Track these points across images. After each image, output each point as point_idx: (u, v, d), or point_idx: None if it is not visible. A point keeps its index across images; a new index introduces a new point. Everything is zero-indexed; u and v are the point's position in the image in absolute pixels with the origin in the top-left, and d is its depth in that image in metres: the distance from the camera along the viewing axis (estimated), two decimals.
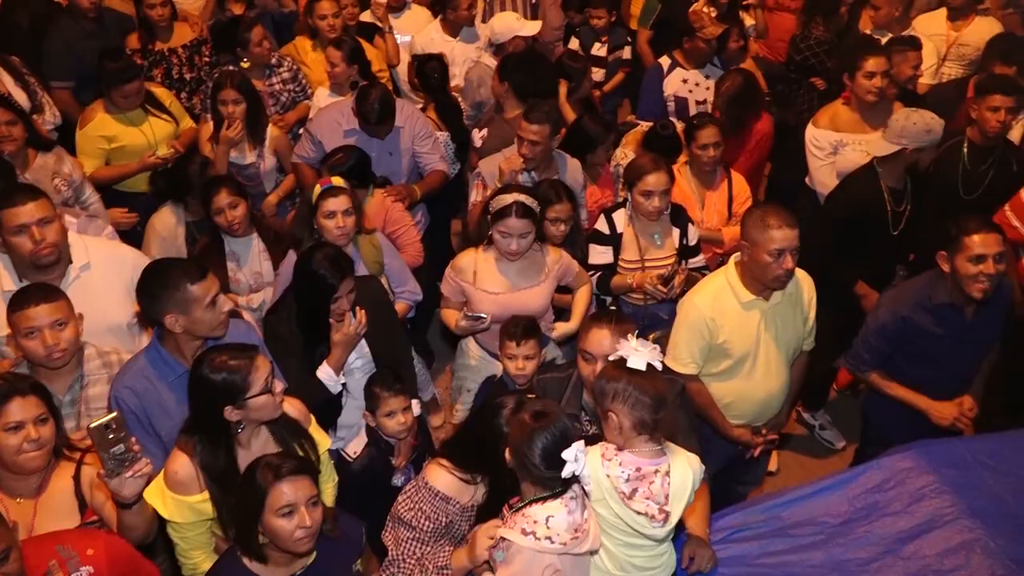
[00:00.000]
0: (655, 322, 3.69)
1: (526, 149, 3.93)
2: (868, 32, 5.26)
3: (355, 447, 3.22)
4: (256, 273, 3.78)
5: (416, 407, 3.21)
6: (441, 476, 2.46)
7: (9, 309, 2.67)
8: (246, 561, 2.29)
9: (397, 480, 3.15)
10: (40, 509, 2.41)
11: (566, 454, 2.08)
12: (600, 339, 2.66)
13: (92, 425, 2.10)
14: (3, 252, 3.02)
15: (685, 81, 5.02)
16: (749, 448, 3.32)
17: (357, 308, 3.08)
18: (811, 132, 4.48)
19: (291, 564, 2.32)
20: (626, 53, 5.85)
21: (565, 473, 2.09)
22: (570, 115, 4.68)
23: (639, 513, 2.20)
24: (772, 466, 4.12)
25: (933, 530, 2.69)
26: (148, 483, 2.38)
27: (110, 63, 4.23)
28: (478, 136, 4.65)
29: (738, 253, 3.15)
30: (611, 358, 2.29)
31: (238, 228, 3.69)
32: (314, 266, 3.01)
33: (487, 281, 3.41)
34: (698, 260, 3.85)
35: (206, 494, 2.48)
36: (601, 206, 4.13)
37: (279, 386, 2.50)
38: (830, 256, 3.83)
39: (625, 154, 4.48)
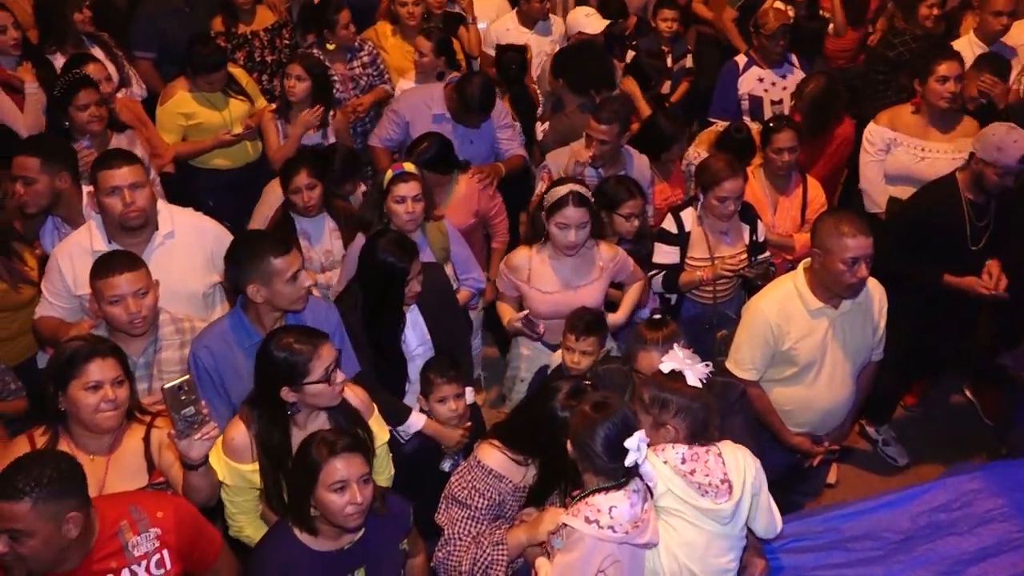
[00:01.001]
0: (723, 321, 3.66)
1: (595, 148, 3.91)
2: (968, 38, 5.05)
3: (413, 426, 3.22)
4: (327, 251, 3.84)
5: (470, 395, 3.24)
6: (493, 455, 2.49)
7: (92, 275, 2.77)
8: (297, 532, 2.35)
9: (445, 465, 3.19)
10: (111, 467, 2.50)
11: (629, 443, 2.11)
12: (651, 363, 2.65)
13: (165, 386, 2.17)
14: (96, 213, 3.15)
15: (761, 80, 4.94)
16: (808, 457, 3.25)
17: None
18: (869, 128, 4.39)
19: (340, 538, 2.37)
20: (689, 62, 5.76)
21: (628, 462, 2.11)
22: (645, 111, 4.63)
23: (703, 490, 2.21)
24: (831, 478, 4.03)
25: (1001, 554, 2.63)
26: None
27: (200, 48, 4.36)
28: (540, 129, 4.67)
29: (808, 259, 3.09)
30: (663, 368, 2.29)
31: (313, 209, 3.76)
32: (380, 254, 3.03)
33: (541, 280, 3.42)
34: (765, 257, 3.80)
35: (257, 465, 2.55)
36: (671, 204, 4.09)
37: (340, 377, 2.54)
38: (904, 262, 3.71)
39: (698, 153, 4.43)
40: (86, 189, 3.43)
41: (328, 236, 3.84)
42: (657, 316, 2.85)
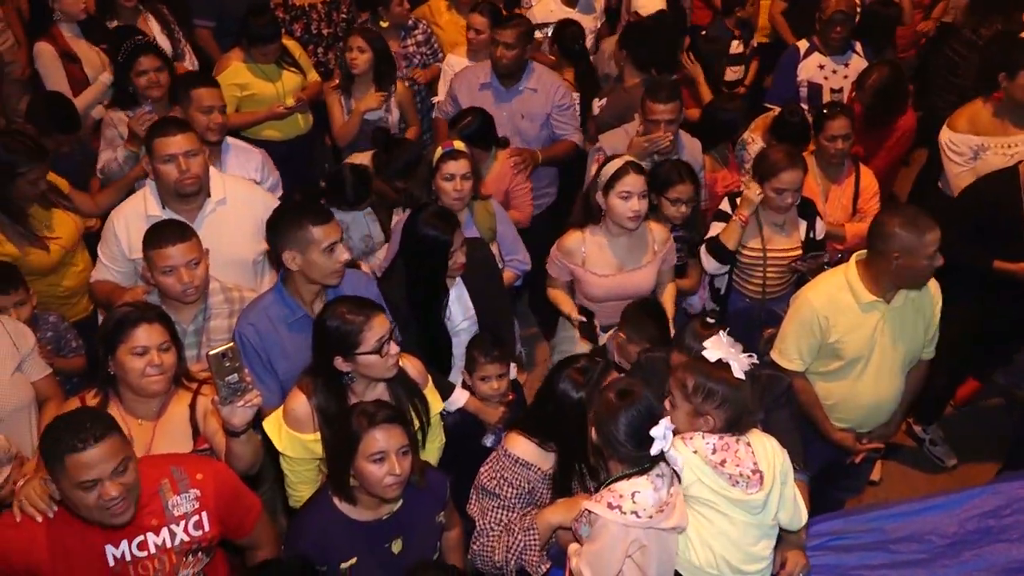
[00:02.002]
0: (771, 318, 3.59)
1: (661, 130, 3.82)
2: None
3: (456, 402, 3.22)
4: (366, 236, 3.87)
5: (513, 372, 3.24)
6: (520, 443, 2.50)
7: (146, 244, 2.82)
8: (336, 501, 2.38)
9: (487, 440, 3.20)
10: (158, 432, 2.55)
11: (655, 431, 2.09)
12: None
13: (210, 353, 2.20)
14: (151, 179, 3.20)
15: (821, 67, 4.81)
16: (851, 453, 3.20)
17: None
18: (947, 136, 4.19)
19: (378, 508, 2.39)
20: (757, 39, 5.64)
21: (653, 451, 2.10)
22: (706, 96, 4.55)
23: (734, 480, 2.19)
24: (875, 475, 3.96)
25: None
26: (257, 415, 2.46)
27: (256, 20, 4.39)
28: (597, 105, 4.61)
29: (861, 251, 3.03)
30: (708, 355, 2.25)
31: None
32: (423, 227, 3.04)
33: (596, 263, 3.38)
34: (819, 253, 3.70)
35: (318, 434, 2.57)
36: (728, 189, 4.02)
37: (393, 348, 2.55)
38: (961, 246, 3.55)
39: (752, 139, 4.34)
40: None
41: (364, 221, 3.86)
42: (711, 320, 2.80)
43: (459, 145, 3.48)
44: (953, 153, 4.18)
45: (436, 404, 2.81)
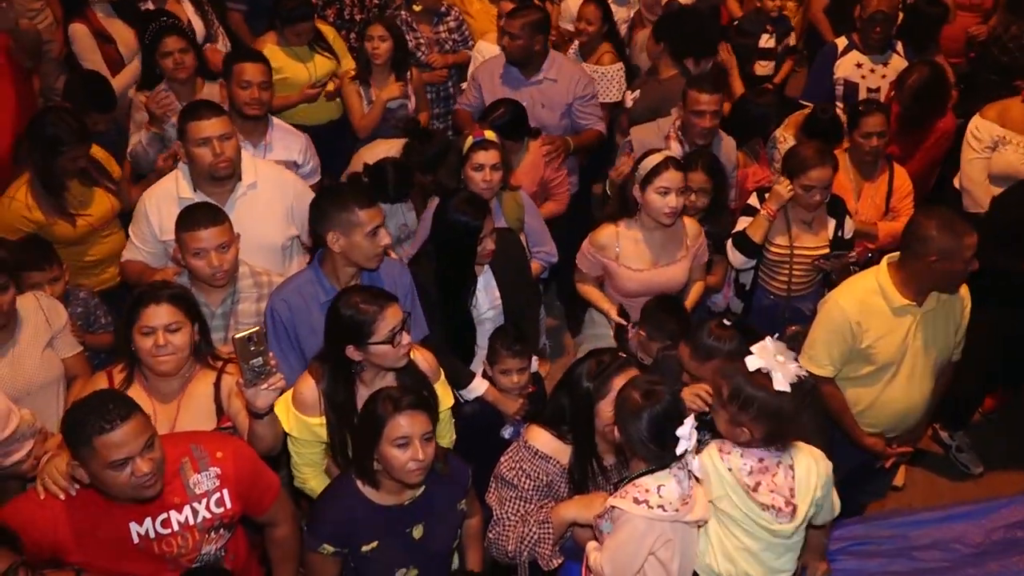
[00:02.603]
0: (796, 316, 3.56)
1: (707, 121, 3.79)
2: None
3: (475, 391, 3.23)
4: (402, 226, 3.87)
5: (535, 365, 3.23)
6: (539, 435, 2.50)
7: (178, 226, 2.84)
8: (360, 484, 2.40)
9: (505, 432, 3.20)
10: (182, 410, 2.57)
11: (680, 431, 2.08)
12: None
13: (236, 336, 2.21)
14: (185, 162, 3.23)
15: (859, 65, 4.73)
16: (880, 458, 3.16)
17: None
18: (975, 122, 4.16)
19: (400, 494, 2.41)
20: (792, 39, 5.52)
21: (678, 450, 2.09)
22: (738, 90, 4.50)
23: (765, 507, 2.15)
24: (899, 481, 3.92)
25: None
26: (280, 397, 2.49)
27: (288, 1, 4.39)
28: (630, 97, 4.56)
29: (893, 254, 2.98)
30: (749, 363, 2.19)
31: None
32: (453, 213, 3.04)
33: (630, 258, 3.36)
34: (845, 252, 3.65)
35: (323, 419, 2.59)
36: (759, 185, 3.97)
37: (405, 339, 2.55)
38: (997, 255, 3.48)
39: (784, 137, 4.28)
40: None
41: (399, 209, 3.86)
42: (727, 321, 2.77)
43: (490, 135, 3.48)
44: (974, 139, 4.15)
45: (447, 399, 2.80)
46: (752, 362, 2.18)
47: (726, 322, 2.76)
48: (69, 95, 4.02)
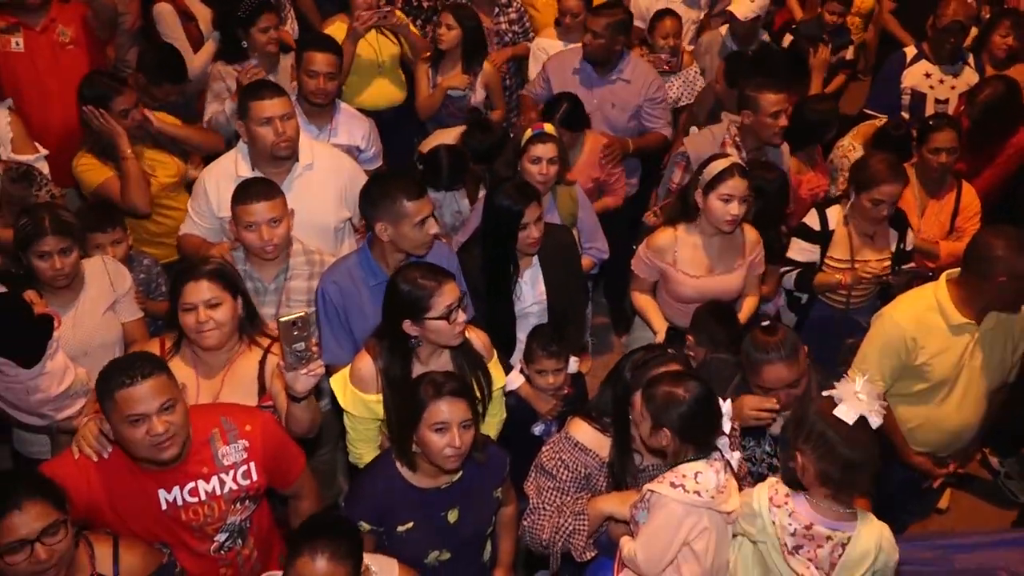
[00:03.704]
0: (853, 328, 3.46)
1: (783, 120, 3.73)
2: None
3: (510, 384, 3.23)
4: (456, 213, 3.89)
5: (574, 364, 3.22)
6: (581, 428, 2.50)
7: (233, 199, 2.91)
8: (398, 465, 2.43)
9: (536, 429, 3.20)
10: (225, 385, 2.61)
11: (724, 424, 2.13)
12: (776, 377, 2.63)
13: (281, 319, 2.23)
14: (244, 141, 3.29)
15: (928, 75, 4.62)
16: (927, 478, 3.09)
17: None
18: None
19: (437, 477, 2.43)
20: (850, 54, 5.41)
21: (719, 444, 2.14)
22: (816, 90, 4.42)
23: (796, 571, 2.13)
24: (943, 504, 3.83)
25: None
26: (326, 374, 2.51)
27: None
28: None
29: (952, 270, 2.91)
30: (825, 393, 2.15)
31: None
32: (498, 199, 3.06)
33: (688, 263, 3.32)
34: (911, 267, 3.60)
35: (380, 396, 2.62)
36: (816, 195, 3.90)
37: (461, 316, 2.57)
38: None
39: (853, 146, 4.20)
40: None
41: (454, 196, 3.87)
42: (766, 323, 2.74)
43: (549, 128, 3.47)
44: None
45: (499, 379, 2.83)
46: (846, 413, 2.09)
47: (765, 324, 2.73)
48: (142, 66, 4.12)
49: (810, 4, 5.61)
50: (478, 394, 2.66)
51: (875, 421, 2.08)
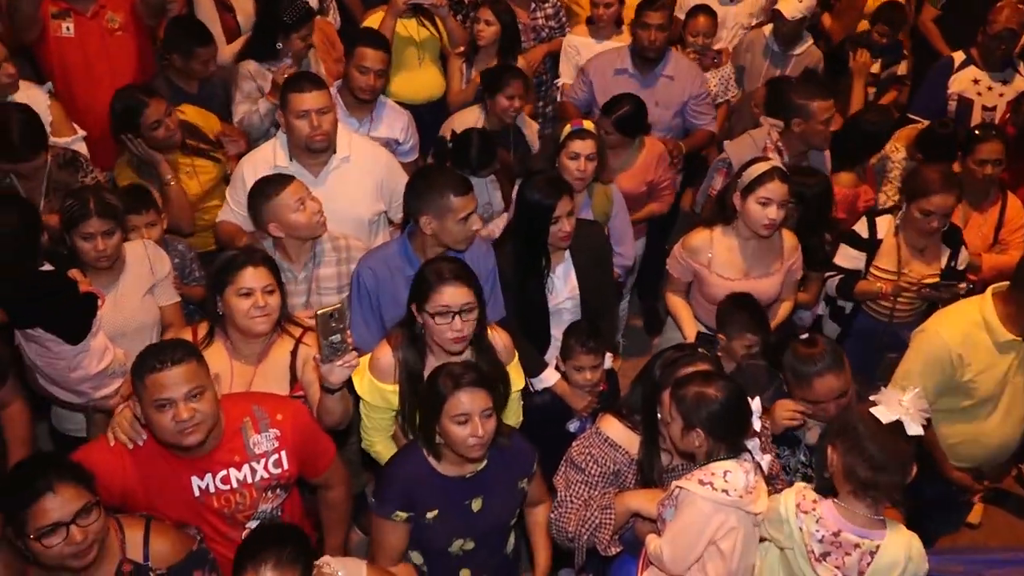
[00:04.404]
0: (895, 342, 3.39)
1: (833, 125, 3.71)
2: None
3: (545, 381, 3.24)
4: (486, 204, 3.86)
5: (608, 361, 3.21)
6: (613, 424, 2.50)
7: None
8: (425, 452, 2.44)
9: (571, 426, 3.20)
10: (259, 374, 2.64)
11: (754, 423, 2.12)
12: (827, 389, 2.60)
13: (319, 312, 2.25)
14: (283, 132, 3.32)
15: (976, 82, 4.53)
16: (965, 493, 3.04)
17: None
18: None
19: (462, 466, 2.44)
20: (901, 68, 5.25)
21: (749, 444, 2.15)
22: (857, 103, 4.35)
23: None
24: (974, 519, 3.76)
25: None
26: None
27: None
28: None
29: (998, 284, 2.85)
30: (878, 413, 2.10)
31: None
32: (528, 192, 3.05)
33: (723, 265, 3.28)
34: (957, 283, 3.48)
35: (397, 386, 2.64)
36: (868, 205, 3.84)
37: (457, 323, 2.53)
38: None
39: (896, 147, 4.11)
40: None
41: (485, 187, 3.86)
42: (805, 336, 2.71)
43: (588, 125, 3.45)
44: None
45: (518, 382, 2.82)
46: (883, 413, 2.08)
47: (804, 336, 2.70)
48: (170, 42, 4.06)
49: (846, 17, 5.52)
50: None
51: (912, 428, 2.05)
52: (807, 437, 2.66)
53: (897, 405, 2.07)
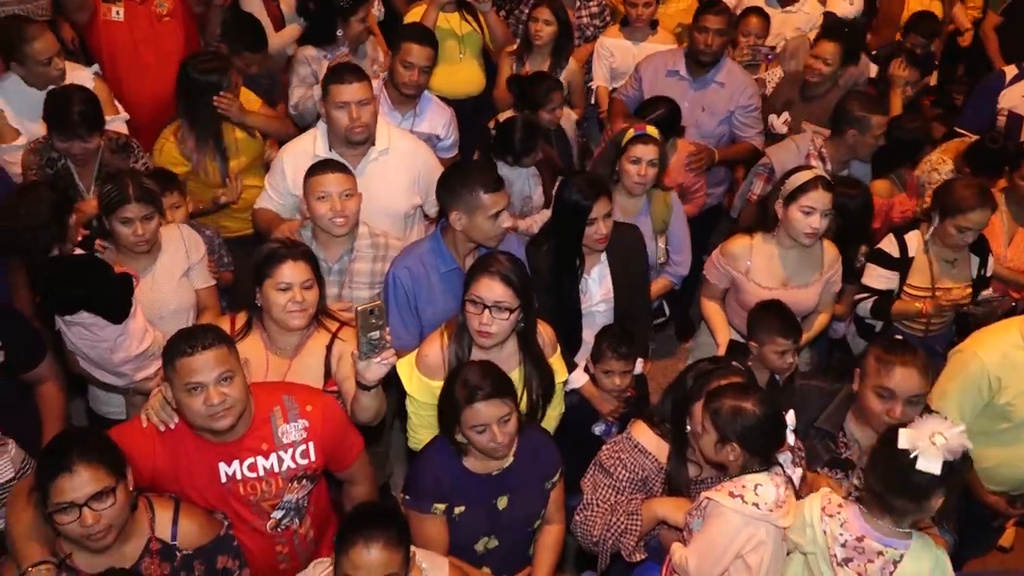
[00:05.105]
0: (930, 355, 3.34)
1: (882, 140, 3.69)
2: None
3: (573, 383, 3.22)
4: (526, 198, 3.86)
5: (639, 366, 3.20)
6: (644, 431, 2.49)
7: (307, 173, 2.96)
8: (453, 448, 2.45)
9: (596, 429, 3.19)
10: (293, 367, 2.65)
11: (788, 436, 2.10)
12: (906, 378, 2.44)
13: (359, 308, 2.25)
14: (324, 121, 3.34)
15: None
16: (998, 515, 2.97)
17: None
18: None
19: (488, 463, 2.45)
20: (933, 80, 5.22)
21: (781, 459, 2.13)
22: (897, 109, 4.29)
23: None
24: (1006, 542, 3.64)
25: None
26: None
27: None
28: (779, 122, 4.32)
29: None
30: (904, 437, 2.03)
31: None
32: (567, 192, 3.03)
33: (761, 273, 3.24)
34: (986, 293, 3.47)
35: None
36: (906, 217, 3.77)
37: (486, 316, 2.54)
38: None
39: (943, 159, 4.03)
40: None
41: (527, 181, 3.86)
42: (899, 336, 2.66)
43: (652, 130, 3.41)
44: None
45: (561, 373, 2.83)
46: (905, 438, 2.02)
47: (898, 337, 2.64)
48: (225, 35, 4.19)
49: (884, 30, 5.43)
50: (535, 391, 2.69)
51: (925, 463, 1.97)
52: (864, 461, 2.60)
53: (926, 436, 1.99)
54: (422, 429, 2.76)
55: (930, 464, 1.97)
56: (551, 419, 2.87)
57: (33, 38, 3.49)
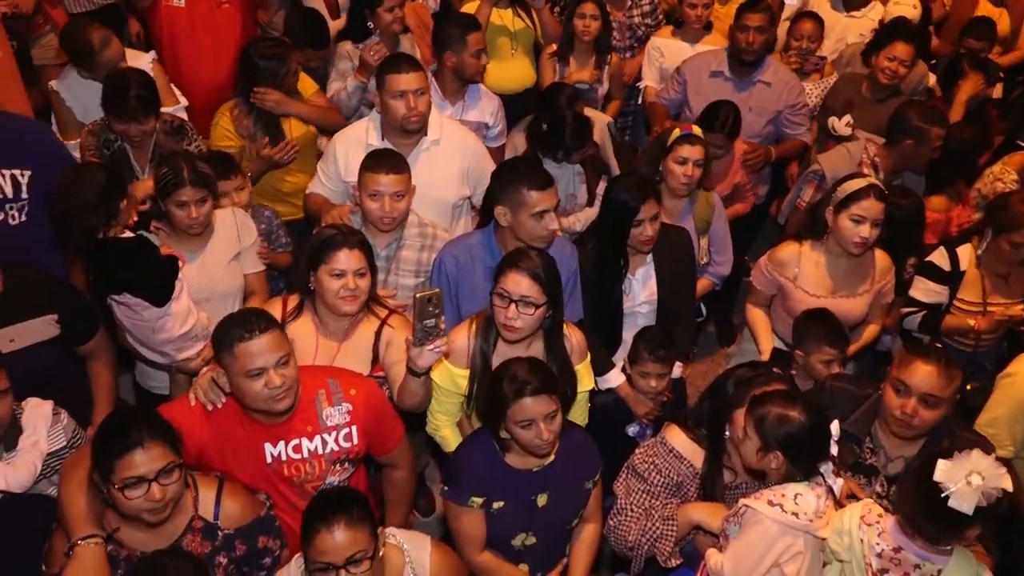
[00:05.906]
0: (977, 371, 3.29)
1: (937, 153, 3.62)
2: None
3: (609, 381, 3.21)
4: (570, 195, 3.84)
5: (677, 370, 3.17)
6: (678, 435, 2.47)
7: (363, 166, 2.98)
8: (495, 443, 2.45)
9: (631, 429, 3.17)
10: (342, 350, 2.68)
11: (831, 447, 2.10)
12: (924, 375, 2.40)
13: (417, 295, 2.27)
14: (377, 111, 3.37)
15: None
16: None
17: None
18: None
19: (529, 459, 2.45)
20: (996, 92, 4.93)
21: (823, 470, 2.10)
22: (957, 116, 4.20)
23: None
24: None
25: None
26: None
27: None
28: (842, 124, 4.14)
29: None
30: (940, 470, 1.97)
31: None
32: (615, 192, 3.03)
33: (808, 281, 3.20)
34: None
35: (468, 371, 2.65)
36: (963, 228, 3.69)
37: (512, 311, 2.53)
38: None
39: (1006, 170, 3.93)
40: None
41: (572, 179, 3.84)
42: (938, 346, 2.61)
43: (697, 131, 3.40)
44: None
45: (586, 382, 2.80)
46: (939, 474, 1.97)
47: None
48: (289, 30, 4.25)
49: (950, 35, 5.28)
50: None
51: (957, 501, 1.92)
52: (888, 468, 2.57)
53: (963, 474, 1.93)
54: (441, 415, 2.77)
55: (962, 504, 1.92)
56: None
57: (102, 48, 3.59)
